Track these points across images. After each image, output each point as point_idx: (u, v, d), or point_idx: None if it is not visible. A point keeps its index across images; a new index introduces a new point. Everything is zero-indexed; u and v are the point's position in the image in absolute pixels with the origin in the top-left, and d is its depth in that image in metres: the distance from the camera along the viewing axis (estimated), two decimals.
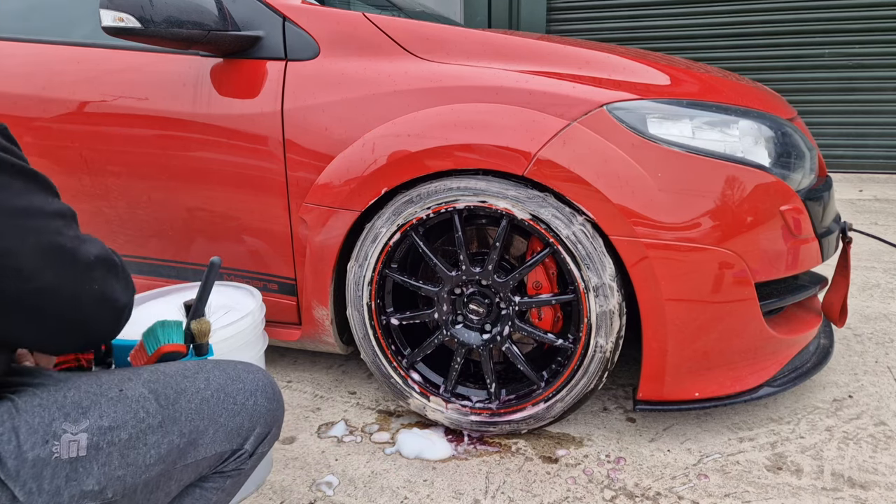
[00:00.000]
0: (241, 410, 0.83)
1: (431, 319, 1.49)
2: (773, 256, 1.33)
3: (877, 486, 1.30)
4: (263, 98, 1.49)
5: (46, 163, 1.68)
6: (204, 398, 0.80)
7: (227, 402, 0.82)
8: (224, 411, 0.81)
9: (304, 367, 1.90)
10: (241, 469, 0.85)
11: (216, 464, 0.82)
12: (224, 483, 0.85)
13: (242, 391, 0.84)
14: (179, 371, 0.83)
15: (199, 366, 0.85)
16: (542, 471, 1.39)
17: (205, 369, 0.84)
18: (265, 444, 0.88)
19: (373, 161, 1.39)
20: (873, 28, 4.54)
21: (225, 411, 0.82)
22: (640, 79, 1.40)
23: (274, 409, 0.88)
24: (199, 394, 0.80)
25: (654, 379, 1.36)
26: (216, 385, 0.83)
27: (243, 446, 0.84)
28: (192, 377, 0.82)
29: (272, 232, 1.55)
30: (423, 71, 1.41)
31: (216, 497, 0.85)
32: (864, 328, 2.05)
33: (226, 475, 0.84)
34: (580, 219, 1.31)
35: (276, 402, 0.89)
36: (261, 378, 0.88)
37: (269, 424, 0.87)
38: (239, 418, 0.83)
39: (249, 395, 0.85)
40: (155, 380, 0.79)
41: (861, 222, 3.35)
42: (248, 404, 0.84)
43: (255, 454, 0.87)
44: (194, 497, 0.83)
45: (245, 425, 0.83)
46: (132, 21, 1.33)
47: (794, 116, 1.61)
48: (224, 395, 0.82)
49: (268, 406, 0.87)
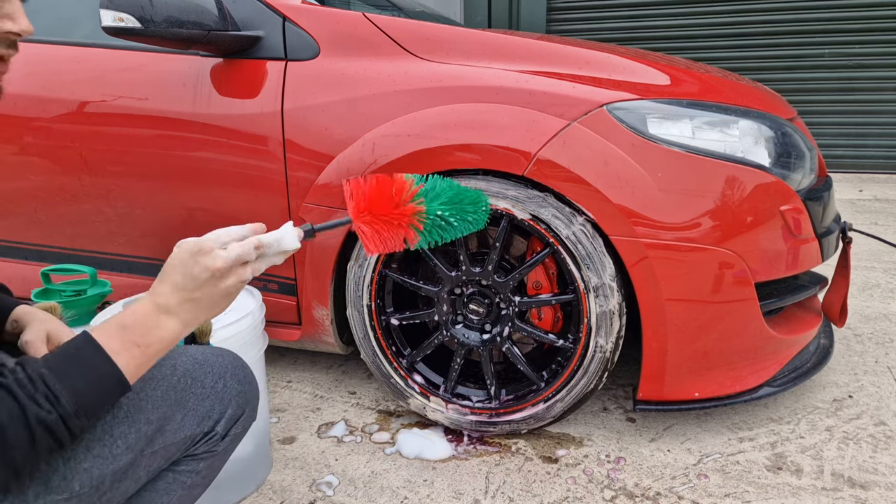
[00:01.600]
0: (210, 394, 0.83)
1: (431, 319, 1.49)
2: (773, 256, 1.33)
3: (877, 486, 1.30)
4: (263, 98, 1.49)
5: (46, 163, 1.68)
6: (170, 384, 0.80)
7: (194, 387, 0.82)
8: (192, 396, 0.81)
9: (304, 367, 1.90)
10: (213, 451, 0.84)
11: (186, 447, 0.82)
12: (198, 466, 0.84)
13: (211, 374, 0.84)
14: None
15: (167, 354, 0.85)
16: (542, 471, 1.39)
17: (171, 357, 0.83)
18: (238, 425, 0.87)
19: (373, 161, 1.39)
20: (873, 28, 4.54)
21: (193, 395, 0.81)
22: (640, 79, 1.39)
23: (246, 391, 0.87)
24: (164, 381, 0.80)
25: (654, 379, 1.36)
26: (182, 370, 0.82)
27: (214, 429, 0.83)
28: (158, 365, 0.81)
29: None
30: (423, 71, 1.41)
31: (191, 481, 0.84)
32: (864, 328, 2.05)
33: (198, 458, 0.84)
34: (580, 219, 1.31)
35: (248, 385, 0.88)
36: (230, 361, 0.88)
37: (242, 406, 0.87)
38: (209, 402, 0.82)
39: (218, 378, 0.84)
40: None
41: (861, 222, 3.35)
42: (217, 387, 0.84)
43: (228, 436, 0.86)
44: (167, 481, 0.82)
45: (216, 408, 0.83)
46: (132, 21, 1.33)
47: (794, 116, 1.61)
48: (191, 380, 0.82)
49: (238, 388, 0.86)
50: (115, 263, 1.75)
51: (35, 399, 0.59)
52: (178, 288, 0.69)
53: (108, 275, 1.73)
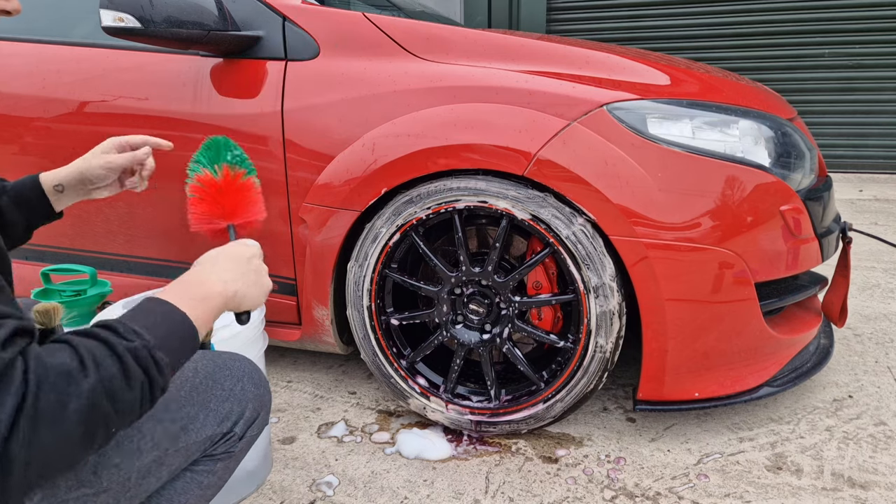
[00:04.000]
0: (229, 396, 0.87)
1: (431, 320, 1.49)
2: (773, 256, 1.33)
3: (877, 486, 1.30)
4: (263, 98, 1.49)
5: (46, 163, 1.67)
6: (193, 385, 0.84)
7: (215, 389, 0.86)
8: (213, 397, 0.85)
9: (304, 367, 1.90)
10: (230, 452, 0.88)
11: (206, 447, 0.85)
12: (214, 466, 0.87)
13: (230, 377, 0.88)
14: None
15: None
16: (542, 471, 1.39)
17: (192, 360, 0.88)
18: (254, 427, 0.91)
19: (373, 161, 1.39)
20: (873, 28, 4.54)
21: (214, 397, 0.85)
22: (640, 79, 1.39)
23: (261, 395, 0.92)
24: (188, 382, 0.84)
25: (654, 379, 1.36)
26: (204, 373, 0.86)
27: (233, 429, 0.87)
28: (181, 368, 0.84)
29: (272, 232, 1.55)
30: (422, 71, 1.41)
31: (207, 481, 0.87)
32: (864, 328, 2.05)
33: (216, 458, 0.87)
34: (580, 219, 1.31)
35: (263, 388, 0.93)
36: (247, 365, 0.92)
37: (258, 409, 0.91)
38: (228, 403, 0.86)
39: (237, 381, 0.89)
40: None
41: (861, 222, 3.35)
42: (235, 390, 0.88)
43: (245, 437, 0.90)
44: (185, 481, 0.85)
45: (234, 410, 0.87)
46: (132, 21, 1.33)
47: (794, 116, 1.61)
48: (212, 383, 0.86)
49: (255, 391, 0.90)
50: (115, 263, 1.75)
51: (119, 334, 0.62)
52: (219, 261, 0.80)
53: (108, 275, 1.73)
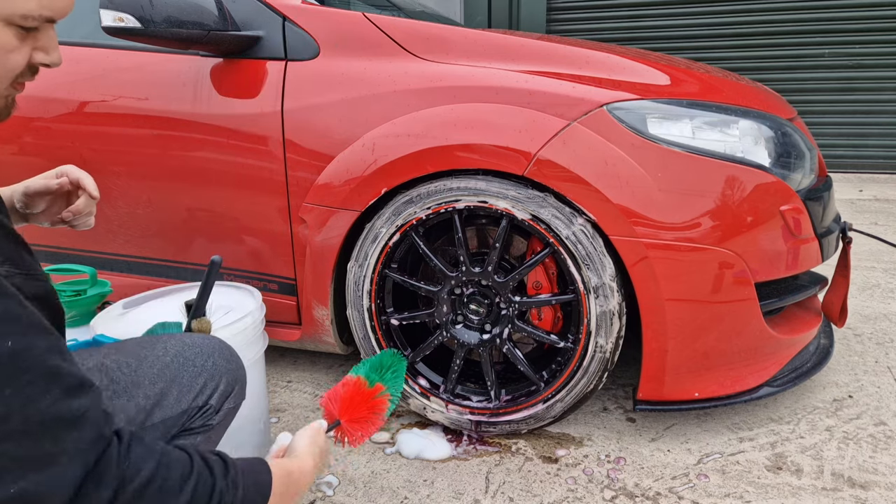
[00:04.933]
0: (201, 371, 0.90)
1: (431, 320, 1.49)
2: (773, 256, 1.33)
3: (877, 486, 1.30)
4: (263, 98, 1.49)
5: (46, 163, 1.67)
6: (164, 363, 0.88)
7: (186, 365, 0.89)
8: (185, 373, 0.88)
9: (304, 367, 1.90)
10: (209, 425, 0.90)
11: (184, 421, 0.87)
12: (195, 440, 0.89)
13: (200, 354, 0.91)
14: (137, 343, 0.92)
15: (155, 339, 0.93)
16: (542, 471, 1.39)
17: (161, 340, 0.92)
18: (230, 400, 0.94)
19: (373, 161, 1.39)
20: (873, 28, 4.54)
21: (186, 373, 0.88)
22: (640, 79, 1.39)
23: (234, 369, 0.95)
24: (158, 360, 0.88)
25: (654, 379, 1.36)
26: (174, 352, 0.90)
27: (208, 402, 0.90)
28: (151, 347, 0.90)
29: (272, 232, 1.55)
30: (422, 71, 1.41)
31: None
32: (864, 328, 2.05)
33: (195, 432, 0.89)
34: (580, 219, 1.31)
35: (235, 363, 0.96)
36: (216, 342, 0.96)
37: (232, 383, 0.94)
38: (201, 378, 0.89)
39: (207, 357, 0.92)
40: (115, 352, 0.88)
41: (861, 222, 3.35)
42: (206, 365, 0.91)
43: (222, 410, 0.92)
44: None
45: (209, 384, 0.90)
46: (132, 21, 1.33)
47: (794, 116, 1.61)
48: (183, 360, 0.89)
49: (226, 365, 0.94)
50: (115, 263, 1.75)
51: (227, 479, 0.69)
52: (321, 463, 0.90)
53: (108, 275, 1.73)
